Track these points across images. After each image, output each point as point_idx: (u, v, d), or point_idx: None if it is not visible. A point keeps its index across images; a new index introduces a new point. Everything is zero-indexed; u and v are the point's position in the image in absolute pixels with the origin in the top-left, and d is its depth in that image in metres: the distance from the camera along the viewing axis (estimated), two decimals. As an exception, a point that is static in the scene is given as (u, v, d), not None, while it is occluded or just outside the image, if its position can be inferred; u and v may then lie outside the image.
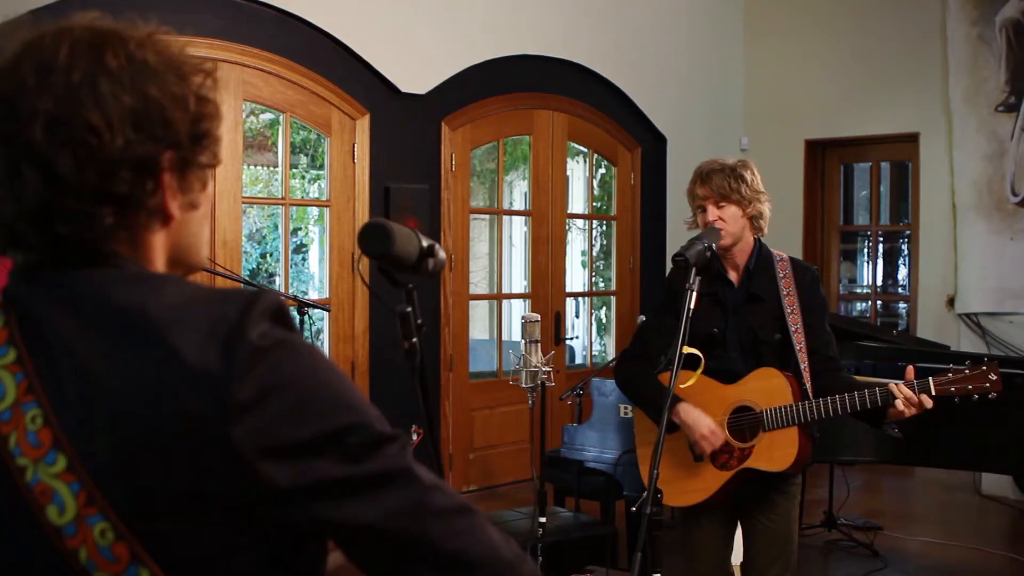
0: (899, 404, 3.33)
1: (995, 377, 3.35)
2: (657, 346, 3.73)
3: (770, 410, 3.55)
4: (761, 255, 3.68)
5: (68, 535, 1.10)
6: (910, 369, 3.39)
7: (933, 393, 3.34)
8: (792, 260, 3.72)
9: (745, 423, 3.61)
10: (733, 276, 3.69)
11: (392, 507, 1.16)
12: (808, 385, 3.55)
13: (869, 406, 3.41)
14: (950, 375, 3.39)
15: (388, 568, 1.19)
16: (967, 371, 3.38)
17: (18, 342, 1.16)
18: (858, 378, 4.55)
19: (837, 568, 6.14)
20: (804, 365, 3.56)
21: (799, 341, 3.57)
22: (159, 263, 1.24)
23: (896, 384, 3.35)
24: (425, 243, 1.69)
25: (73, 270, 1.17)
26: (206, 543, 1.12)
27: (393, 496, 1.16)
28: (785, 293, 3.61)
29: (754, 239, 3.68)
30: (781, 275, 3.64)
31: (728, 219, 3.58)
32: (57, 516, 1.10)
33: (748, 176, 3.60)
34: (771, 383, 3.57)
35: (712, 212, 3.59)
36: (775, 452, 3.55)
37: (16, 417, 1.13)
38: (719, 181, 3.58)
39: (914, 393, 3.33)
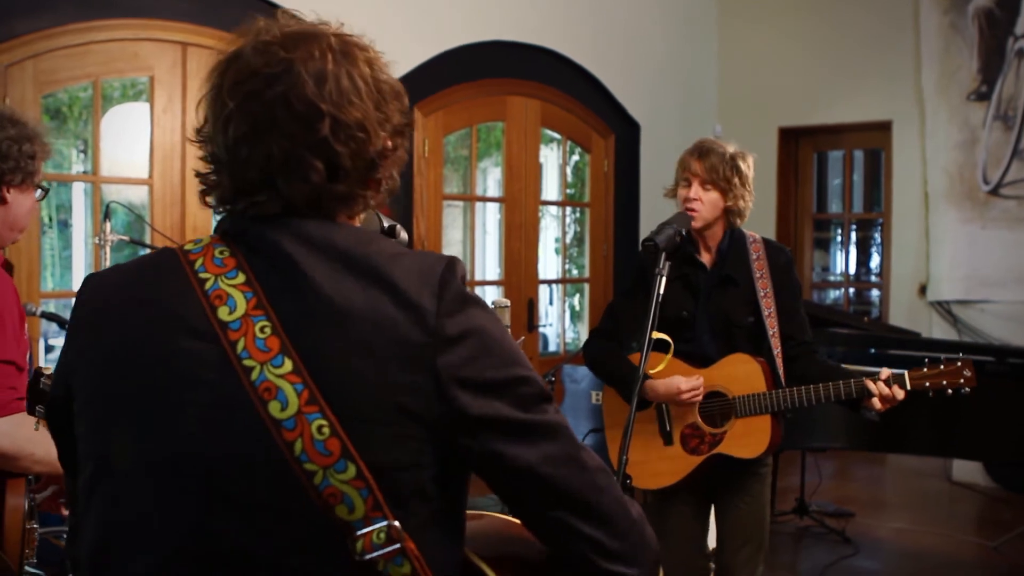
0: (875, 403, 3.34)
1: (969, 373, 3.38)
2: (627, 327, 3.72)
3: (742, 397, 3.54)
4: (734, 237, 3.67)
5: (287, 428, 1.26)
6: (884, 371, 3.39)
7: (908, 387, 3.36)
8: (765, 241, 3.70)
9: (716, 409, 3.60)
10: (706, 258, 3.67)
11: (550, 454, 1.36)
12: (781, 371, 3.55)
13: (844, 398, 3.41)
14: (925, 369, 3.40)
15: (535, 507, 1.39)
16: (942, 366, 3.39)
17: (245, 267, 1.35)
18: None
19: (808, 554, 6.15)
20: (777, 351, 3.56)
21: (772, 326, 3.56)
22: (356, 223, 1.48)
23: (873, 381, 3.36)
24: (386, 223, 1.68)
25: (297, 219, 1.37)
26: (401, 452, 1.29)
27: (552, 446, 1.36)
28: (758, 276, 3.60)
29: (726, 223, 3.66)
30: (754, 257, 3.62)
31: (706, 203, 3.56)
32: (279, 411, 1.27)
33: (743, 168, 3.58)
34: (743, 369, 3.56)
35: (695, 190, 3.56)
36: (747, 439, 3.55)
37: (245, 326, 1.31)
38: (715, 162, 3.55)
39: (889, 388, 3.34)
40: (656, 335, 3.30)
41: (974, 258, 7.87)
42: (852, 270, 9.82)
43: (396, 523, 1.27)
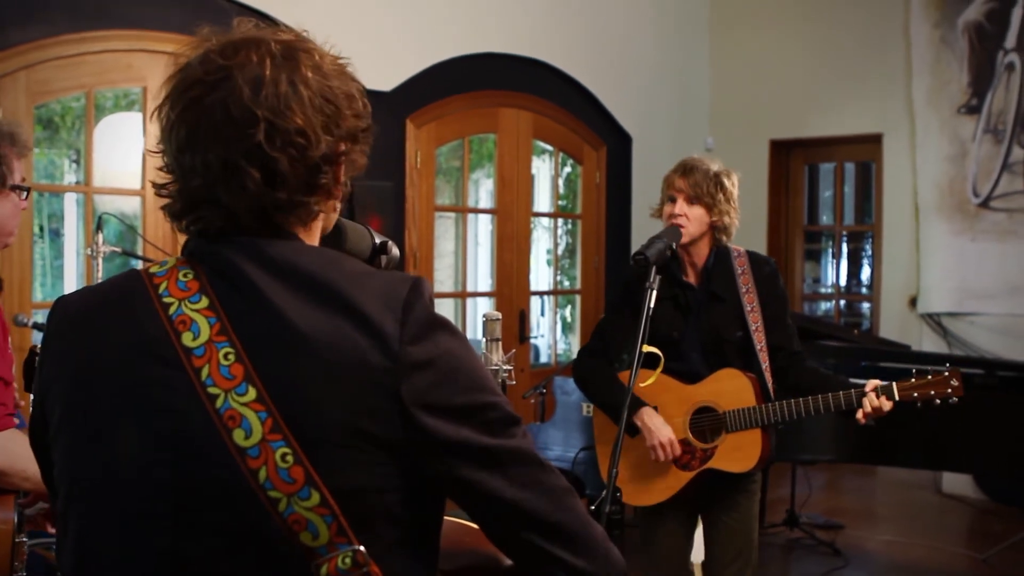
0: (859, 415, 3.36)
1: (957, 383, 3.38)
2: (616, 344, 3.73)
3: (732, 412, 3.55)
4: (719, 253, 3.68)
5: (252, 456, 1.26)
6: (871, 383, 3.40)
7: (896, 398, 3.37)
8: (750, 254, 3.71)
9: (706, 424, 3.61)
10: (691, 277, 3.69)
11: (517, 479, 1.37)
12: (770, 384, 3.56)
13: (833, 410, 3.43)
14: (913, 380, 3.41)
15: (504, 530, 1.41)
16: (930, 376, 3.40)
17: (209, 291, 1.35)
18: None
19: (798, 566, 6.16)
20: (765, 364, 3.57)
21: (759, 340, 3.57)
22: (315, 239, 1.47)
23: (862, 394, 3.37)
24: (378, 240, 1.69)
25: (258, 238, 1.37)
26: (365, 478, 1.29)
27: (519, 470, 1.38)
28: (744, 290, 3.61)
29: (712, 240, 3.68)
30: (739, 271, 3.64)
31: (692, 219, 3.58)
32: (243, 439, 1.27)
33: (728, 185, 3.60)
34: (733, 384, 3.57)
35: (680, 206, 3.58)
36: (738, 453, 3.56)
37: (209, 353, 1.31)
38: (699, 179, 3.57)
39: (877, 400, 3.36)
40: (647, 348, 3.31)
41: (964, 271, 7.90)
42: (843, 282, 9.84)
43: (362, 548, 1.28)
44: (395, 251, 1.71)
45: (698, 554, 3.88)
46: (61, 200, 8.68)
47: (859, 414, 3.36)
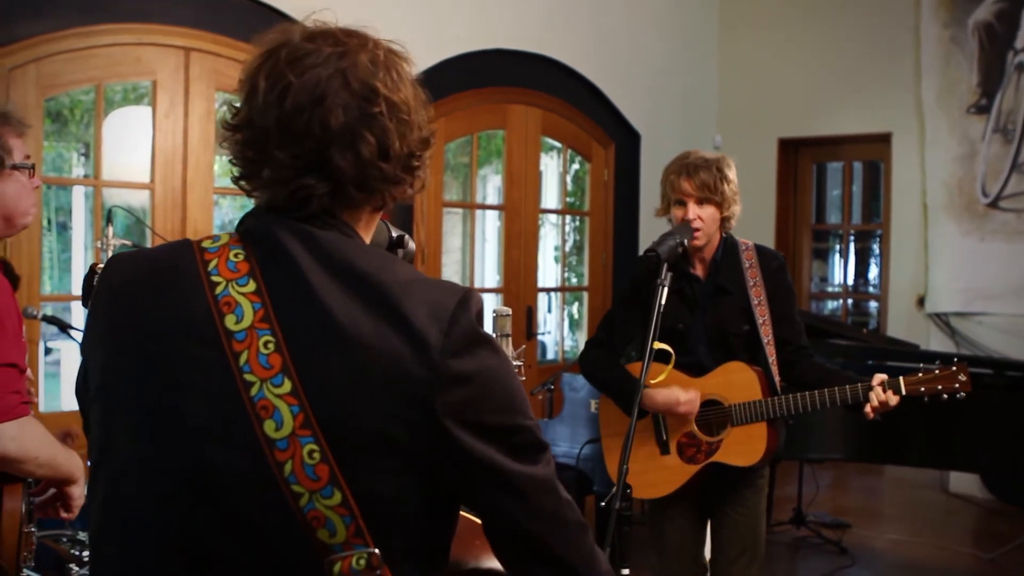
0: (867, 409, 3.34)
1: (964, 378, 3.36)
2: (623, 337, 3.72)
3: (738, 405, 3.54)
4: (727, 247, 3.67)
5: (280, 448, 1.27)
6: (878, 377, 3.38)
7: (903, 392, 3.34)
8: (758, 248, 3.70)
9: (712, 417, 3.60)
10: (699, 269, 3.68)
11: (533, 509, 1.37)
12: (776, 378, 3.55)
13: (839, 404, 3.41)
14: (920, 375, 3.39)
15: (511, 554, 1.42)
16: (937, 371, 3.38)
17: (258, 275, 1.35)
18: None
19: (805, 565, 6.16)
20: (772, 359, 3.56)
21: (766, 334, 3.56)
22: (370, 238, 1.49)
23: (868, 388, 3.35)
24: (395, 234, 1.68)
25: (320, 230, 1.37)
26: (388, 485, 1.29)
27: (537, 499, 1.38)
28: (752, 284, 3.60)
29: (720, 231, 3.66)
30: (747, 265, 3.62)
31: (707, 219, 3.56)
32: (274, 430, 1.27)
33: (730, 175, 3.57)
34: (739, 377, 3.57)
35: (692, 210, 3.55)
36: (743, 447, 3.55)
37: (250, 339, 1.31)
38: (705, 178, 3.53)
39: (884, 394, 3.34)
40: (658, 345, 3.31)
41: (972, 271, 7.88)
42: (850, 281, 9.83)
43: (376, 551, 1.28)
44: (411, 245, 1.71)
45: (709, 551, 3.88)
46: (69, 193, 8.69)
47: (867, 408, 3.34)
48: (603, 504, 3.14)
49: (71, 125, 7.87)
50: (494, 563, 1.47)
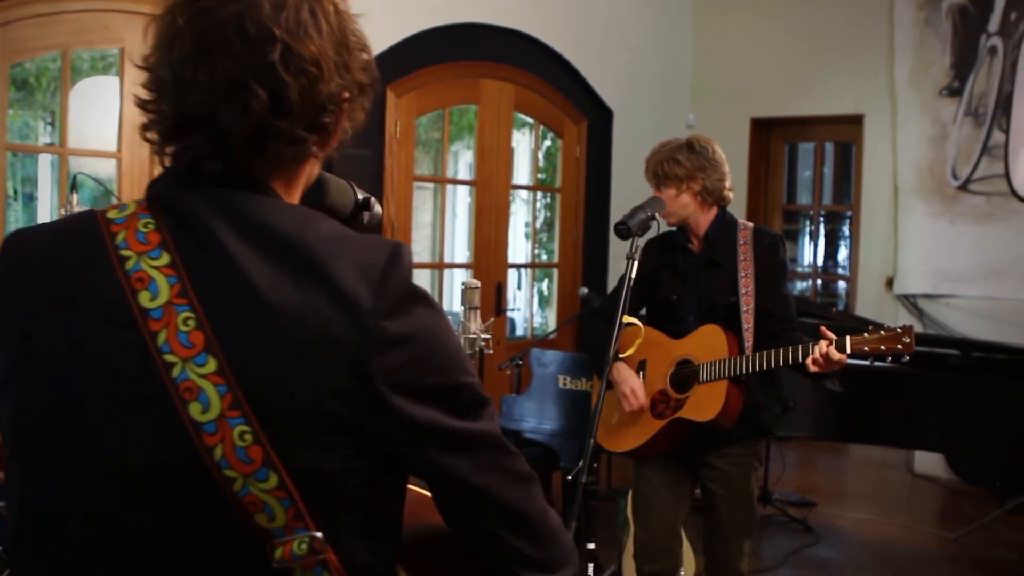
0: (808, 361, 3.38)
1: (908, 340, 3.38)
2: (615, 305, 3.90)
3: (705, 364, 3.68)
4: (723, 223, 3.84)
5: (208, 432, 1.18)
6: (825, 333, 3.43)
7: (848, 350, 3.38)
8: (755, 228, 3.86)
9: (684, 375, 3.76)
10: (695, 244, 3.85)
11: (482, 464, 1.32)
12: (748, 343, 3.65)
13: (791, 362, 3.46)
14: (866, 335, 3.44)
15: (465, 516, 1.36)
16: (883, 332, 3.42)
17: (171, 246, 1.24)
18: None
19: (771, 543, 6.18)
20: (748, 326, 3.66)
21: (747, 303, 3.69)
22: (297, 196, 1.37)
23: (816, 343, 3.40)
24: (360, 196, 1.65)
25: (233, 191, 1.26)
26: (328, 461, 1.22)
27: (484, 455, 1.32)
28: (742, 259, 3.75)
29: (717, 208, 3.83)
30: (741, 242, 3.79)
31: (667, 200, 3.76)
32: (200, 413, 1.18)
33: (683, 156, 3.75)
34: (711, 339, 3.71)
35: (663, 195, 3.80)
36: (703, 403, 3.67)
37: (168, 316, 1.21)
38: (654, 166, 3.79)
39: (824, 349, 3.36)
40: (627, 319, 3.42)
41: (942, 253, 7.92)
42: (820, 262, 9.87)
43: (319, 534, 1.22)
44: (378, 208, 1.68)
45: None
46: (35, 162, 8.59)
47: (808, 360, 3.36)
48: (570, 478, 3.18)
49: (37, 93, 7.77)
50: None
